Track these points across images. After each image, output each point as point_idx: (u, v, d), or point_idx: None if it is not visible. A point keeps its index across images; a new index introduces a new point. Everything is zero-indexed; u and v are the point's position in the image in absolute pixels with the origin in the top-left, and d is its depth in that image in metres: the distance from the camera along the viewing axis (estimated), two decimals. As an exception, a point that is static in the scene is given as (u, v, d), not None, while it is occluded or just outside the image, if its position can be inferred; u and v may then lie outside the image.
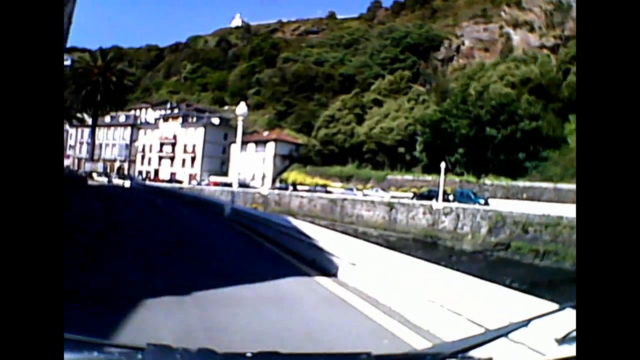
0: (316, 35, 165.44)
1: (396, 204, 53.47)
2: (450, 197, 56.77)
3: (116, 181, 67.55)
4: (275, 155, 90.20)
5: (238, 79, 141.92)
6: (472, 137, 65.53)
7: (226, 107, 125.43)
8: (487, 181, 64.85)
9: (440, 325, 4.97)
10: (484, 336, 1.94)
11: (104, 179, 73.57)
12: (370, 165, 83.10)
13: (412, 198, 59.70)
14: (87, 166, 74.81)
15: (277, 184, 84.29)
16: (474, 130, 65.45)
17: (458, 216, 46.46)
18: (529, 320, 1.96)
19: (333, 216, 61.61)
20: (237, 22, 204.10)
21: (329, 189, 77.36)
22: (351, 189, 74.86)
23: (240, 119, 20.71)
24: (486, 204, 52.43)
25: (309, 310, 6.49)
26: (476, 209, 45.56)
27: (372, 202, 58.51)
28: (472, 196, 56.73)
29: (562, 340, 1.80)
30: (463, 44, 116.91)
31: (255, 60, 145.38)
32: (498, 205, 49.31)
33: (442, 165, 56.29)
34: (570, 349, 1.69)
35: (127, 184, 54.31)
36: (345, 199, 63.22)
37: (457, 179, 65.96)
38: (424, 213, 50.80)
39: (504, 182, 62.78)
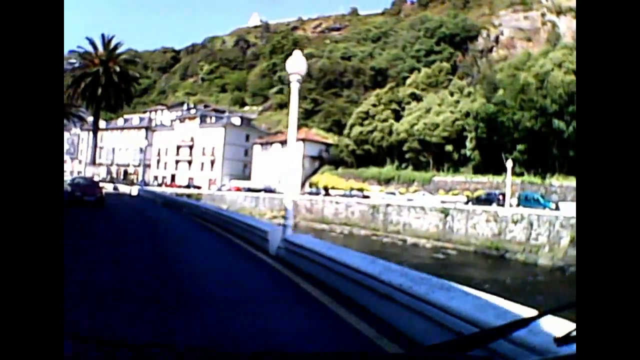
0: (338, 32, 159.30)
1: (451, 210, 45.48)
2: (513, 201, 47.64)
3: (123, 188, 58.50)
4: (303, 157, 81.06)
5: (258, 78, 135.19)
6: (537, 132, 56.18)
7: (246, 108, 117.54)
8: (555, 182, 55.42)
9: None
10: (484, 336, 1.95)
11: (108, 185, 64.67)
12: (411, 166, 73.98)
13: (467, 202, 52.21)
14: (88, 171, 66.14)
15: (307, 189, 75.22)
16: (539, 122, 56.06)
17: (531, 224, 37.98)
18: (529, 320, 1.91)
19: (375, 224, 53.59)
20: (254, 21, 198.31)
21: (366, 193, 68.71)
22: (393, 193, 65.91)
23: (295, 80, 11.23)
24: (557, 208, 45.10)
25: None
26: (554, 216, 36.79)
27: (422, 208, 49.42)
28: (541, 200, 48.00)
29: (562, 340, 1.70)
30: (502, 33, 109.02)
31: (276, 58, 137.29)
32: (571, 210, 40.13)
33: (509, 163, 47.23)
34: (570, 349, 1.63)
35: (135, 191, 45.51)
36: (388, 205, 54.34)
37: (517, 179, 56.27)
38: (488, 220, 42.09)
39: (575, 183, 52.87)
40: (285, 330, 5.12)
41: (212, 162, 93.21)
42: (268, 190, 75.90)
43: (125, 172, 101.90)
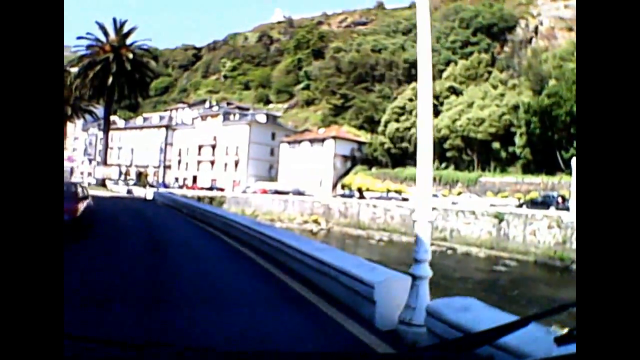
0: (364, 26, 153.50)
1: (507, 215, 40.47)
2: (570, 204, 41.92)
3: (138, 191, 52.44)
4: (334, 156, 75.06)
5: (283, 74, 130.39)
6: (601, 126, 49.47)
7: (271, 105, 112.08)
8: (623, 182, 48.72)
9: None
10: (484, 335, 1.94)
11: (122, 188, 58.60)
12: (453, 165, 67.69)
13: (520, 206, 46.62)
14: (98, 172, 60.05)
15: (339, 190, 69.23)
16: (604, 115, 49.38)
17: (603, 231, 31.22)
18: (529, 320, 1.93)
19: None
20: (277, 17, 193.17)
21: (404, 195, 62.70)
22: (435, 195, 59.71)
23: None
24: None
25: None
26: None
27: (473, 212, 43.58)
28: (607, 203, 40.90)
29: (562, 340, 1.74)
30: (541, 23, 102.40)
31: (301, 53, 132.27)
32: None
33: (573, 161, 40.56)
34: (570, 349, 1.65)
35: (150, 194, 39.49)
36: (433, 209, 47.80)
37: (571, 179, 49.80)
38: (550, 227, 36.31)
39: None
40: None
41: (236, 163, 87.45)
42: (297, 193, 70.20)
43: (140, 173, 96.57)
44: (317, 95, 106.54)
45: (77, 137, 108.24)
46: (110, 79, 52.51)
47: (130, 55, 54.27)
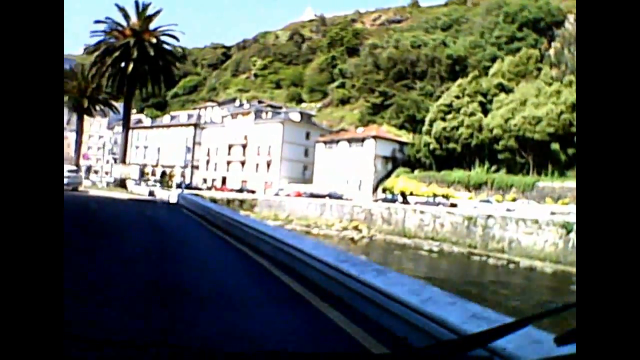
0: (399, 24, 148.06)
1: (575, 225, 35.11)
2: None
3: (161, 193, 47.12)
4: (375, 157, 69.72)
5: (316, 72, 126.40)
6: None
7: (304, 105, 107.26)
8: None
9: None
10: (484, 335, 1.92)
11: (144, 189, 52.80)
12: (504, 168, 61.91)
13: None
14: (116, 171, 54.18)
15: (379, 194, 63.89)
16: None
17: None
18: (529, 320, 1.94)
19: (471, 240, 43.85)
20: (309, 15, 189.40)
21: (452, 200, 57.35)
22: (488, 201, 54.37)
23: None
24: None
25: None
26: None
27: (536, 221, 38.50)
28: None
29: (562, 340, 1.66)
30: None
31: (334, 51, 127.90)
32: None
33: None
34: (570, 349, 1.61)
35: (174, 196, 33.95)
36: (489, 216, 43.41)
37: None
38: None
39: None
40: None
41: (268, 163, 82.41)
42: (334, 196, 65.14)
43: (164, 173, 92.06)
44: (353, 94, 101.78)
45: (102, 135, 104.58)
46: (131, 66, 46.38)
47: (154, 40, 48.26)
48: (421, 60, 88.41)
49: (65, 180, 32.35)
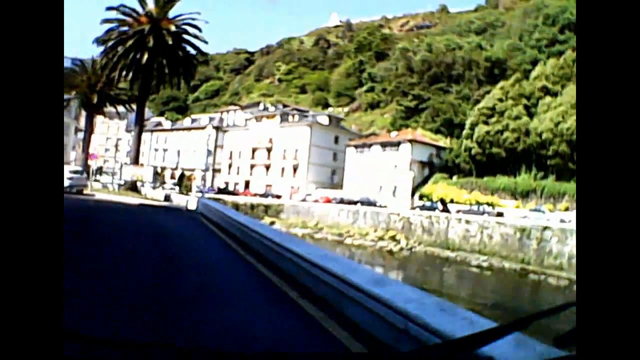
0: (428, 29, 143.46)
1: None
2: None
3: (179, 198, 38.99)
4: (411, 162, 64.82)
5: (343, 77, 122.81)
6: None
7: (330, 109, 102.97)
8: None
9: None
10: (484, 335, 1.91)
11: (158, 193, 44.82)
12: (553, 175, 56.63)
13: None
14: (126, 172, 47.39)
15: (416, 201, 58.90)
16: None
17: None
18: (529, 321, 1.90)
19: (523, 255, 39.50)
20: (334, 21, 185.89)
21: (498, 209, 52.39)
22: (540, 210, 49.16)
23: None
24: None
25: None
26: None
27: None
28: None
29: (562, 340, 1.73)
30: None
31: (362, 56, 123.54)
32: None
33: None
34: (570, 349, 1.68)
35: (193, 202, 28.35)
36: (546, 228, 38.62)
37: None
38: None
39: None
40: None
41: (295, 167, 77.80)
42: (366, 203, 60.40)
43: (183, 176, 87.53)
44: (383, 98, 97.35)
45: (121, 137, 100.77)
46: (146, 56, 40.55)
47: (173, 28, 42.04)
48: (457, 63, 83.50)
49: (67, 182, 28.02)
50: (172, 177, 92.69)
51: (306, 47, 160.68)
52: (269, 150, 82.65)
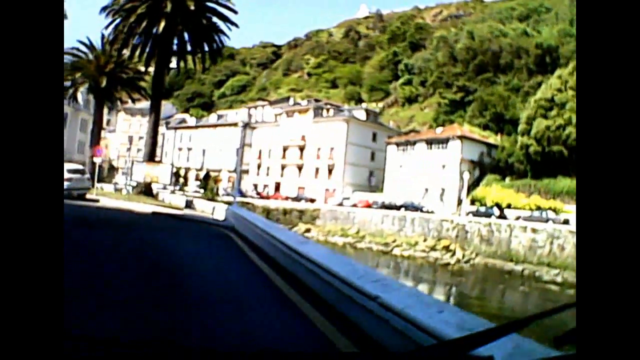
0: (464, 19, 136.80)
1: None
2: None
3: (202, 204, 31.75)
4: (461, 161, 58.51)
5: (376, 70, 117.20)
6: None
7: (363, 104, 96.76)
8: None
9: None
10: (484, 335, 1.91)
11: (178, 199, 35.14)
12: (626, 177, 49.99)
13: None
14: (138, 171, 37.56)
15: (466, 206, 52.66)
16: None
17: None
18: (530, 320, 1.88)
19: None
20: (363, 12, 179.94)
21: (563, 216, 46.17)
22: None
23: None
24: None
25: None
26: None
27: None
28: None
29: (562, 340, 1.71)
30: None
31: (396, 46, 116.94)
32: None
33: None
34: (570, 349, 1.66)
35: (221, 211, 22.18)
36: None
37: None
38: None
39: None
40: None
41: (330, 168, 71.83)
42: (410, 207, 54.48)
43: (208, 176, 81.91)
44: (421, 91, 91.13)
45: (142, 136, 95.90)
46: (163, 24, 32.63)
47: None
48: (504, 50, 76.75)
49: (65, 185, 21.73)
50: (197, 178, 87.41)
51: (335, 40, 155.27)
52: (301, 148, 76.82)
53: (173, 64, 39.25)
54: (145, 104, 50.04)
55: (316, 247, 8.16)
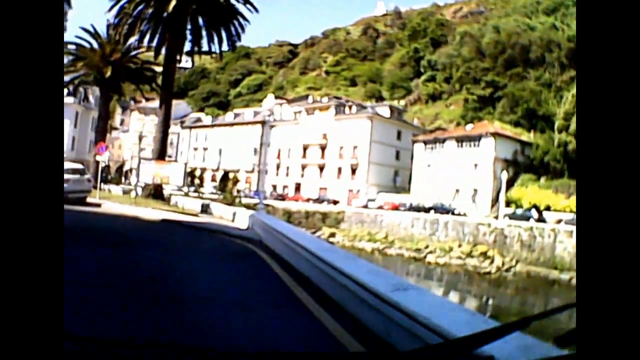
0: (485, 15, 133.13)
1: None
2: None
3: (219, 210, 25.53)
4: (494, 160, 55.17)
5: (397, 67, 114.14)
6: None
7: (385, 103, 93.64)
8: None
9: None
10: (484, 335, 1.91)
11: (193, 204, 28.27)
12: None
13: None
14: (145, 171, 32.61)
15: (501, 207, 49.27)
16: None
17: None
18: (530, 320, 1.91)
19: None
20: (381, 10, 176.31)
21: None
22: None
23: None
24: None
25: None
26: None
27: None
28: None
29: (562, 340, 1.76)
30: None
31: (416, 43, 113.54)
32: None
33: None
34: (570, 349, 1.69)
35: (244, 218, 19.03)
36: None
37: None
38: None
39: None
40: None
41: (354, 168, 68.68)
42: (440, 209, 51.31)
43: (226, 177, 78.77)
44: (445, 88, 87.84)
45: (155, 135, 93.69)
46: (173, 3, 28.13)
47: None
48: (534, 44, 73.18)
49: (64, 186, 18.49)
50: (213, 179, 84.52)
51: (353, 37, 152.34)
52: (322, 147, 73.69)
53: (185, 56, 35.91)
54: (158, 103, 46.51)
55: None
